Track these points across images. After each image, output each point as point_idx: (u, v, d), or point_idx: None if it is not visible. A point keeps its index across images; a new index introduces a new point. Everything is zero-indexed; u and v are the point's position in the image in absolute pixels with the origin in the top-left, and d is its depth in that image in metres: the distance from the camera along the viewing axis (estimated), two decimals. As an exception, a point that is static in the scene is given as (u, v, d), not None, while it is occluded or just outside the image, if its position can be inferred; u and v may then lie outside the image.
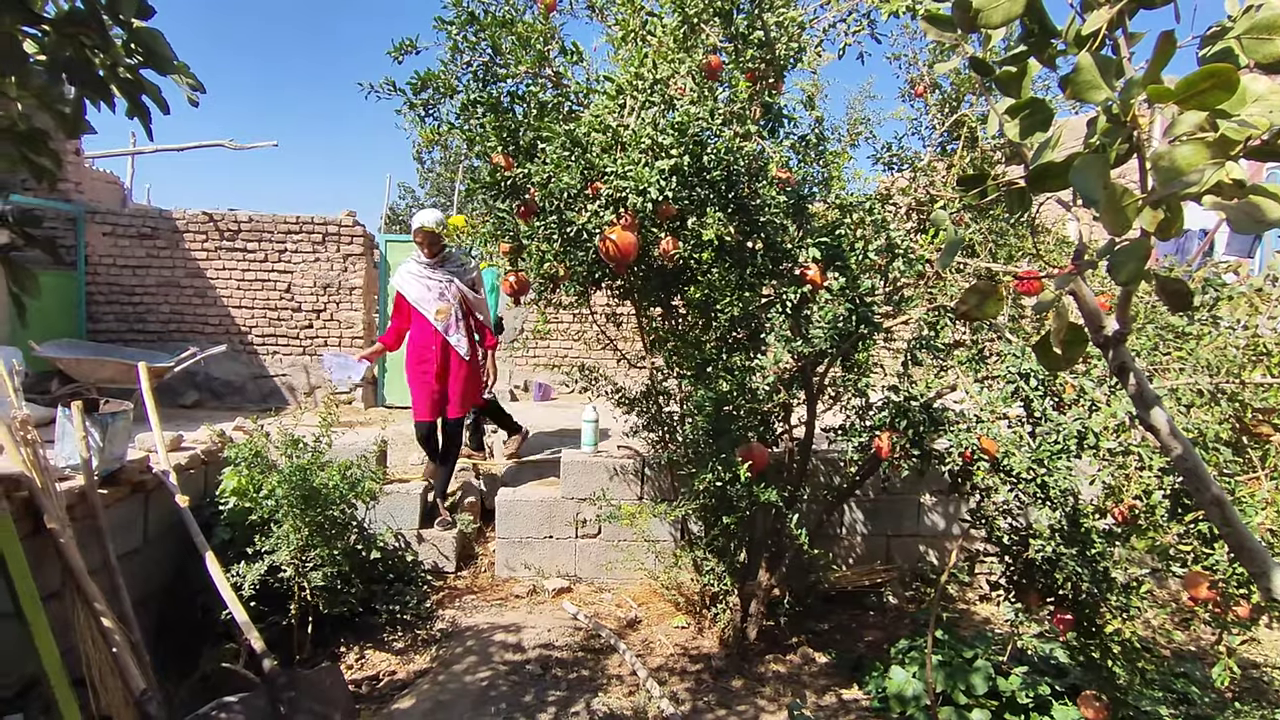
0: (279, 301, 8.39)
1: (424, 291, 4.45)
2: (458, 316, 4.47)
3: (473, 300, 4.54)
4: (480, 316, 4.61)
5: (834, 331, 2.54)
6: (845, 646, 3.98)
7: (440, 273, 4.46)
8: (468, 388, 4.59)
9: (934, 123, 4.00)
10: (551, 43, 2.93)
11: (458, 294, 4.46)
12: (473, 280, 4.54)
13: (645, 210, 2.14)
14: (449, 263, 4.51)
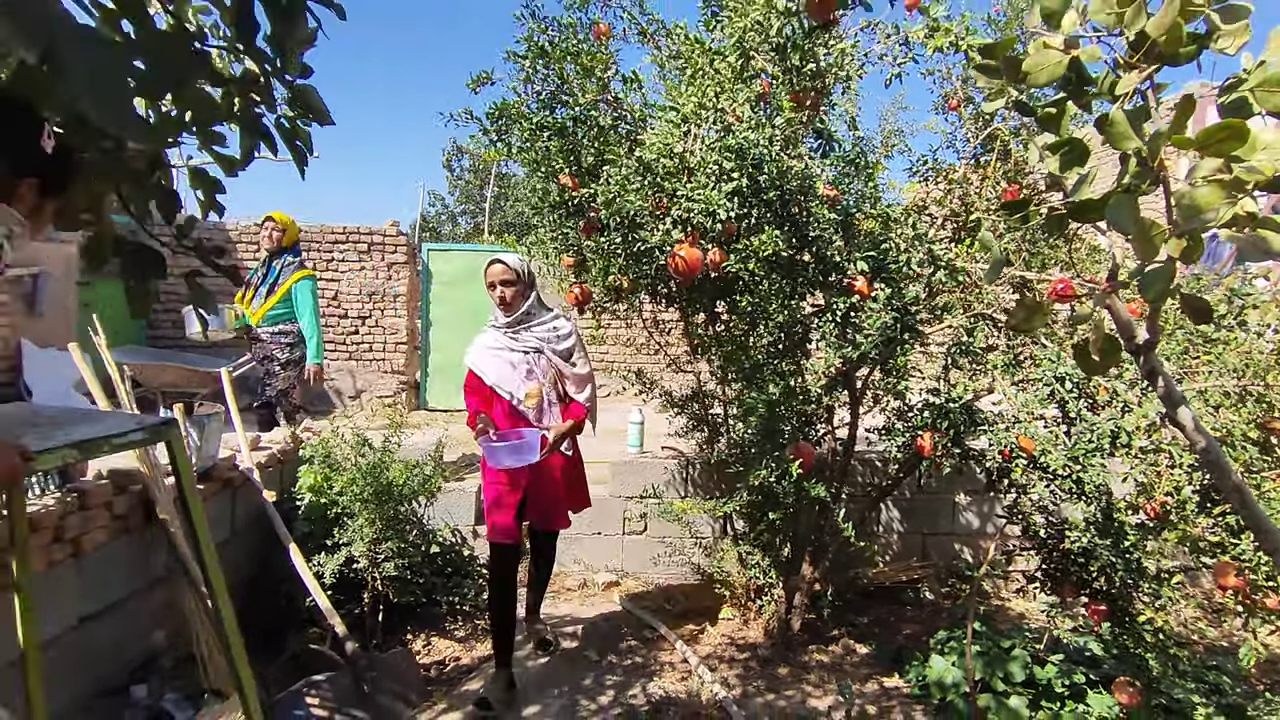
0: (326, 309, 8.73)
1: (506, 369, 3.16)
2: (550, 400, 3.19)
3: (571, 376, 3.20)
4: (582, 397, 3.26)
5: (880, 338, 2.73)
6: (885, 639, 4.16)
7: (524, 339, 3.14)
8: (573, 493, 3.40)
9: (968, 135, 4.17)
10: (610, 70, 3.17)
11: (550, 368, 3.17)
12: (570, 349, 3.19)
13: (714, 230, 2.36)
14: (533, 322, 3.18)
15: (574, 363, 3.17)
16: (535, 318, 3.18)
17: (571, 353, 3.17)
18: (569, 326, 3.19)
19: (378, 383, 8.76)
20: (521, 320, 3.14)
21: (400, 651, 3.53)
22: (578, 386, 3.21)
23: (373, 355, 8.79)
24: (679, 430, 4.35)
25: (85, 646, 2.60)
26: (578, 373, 3.18)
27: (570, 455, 3.35)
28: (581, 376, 3.20)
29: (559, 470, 3.26)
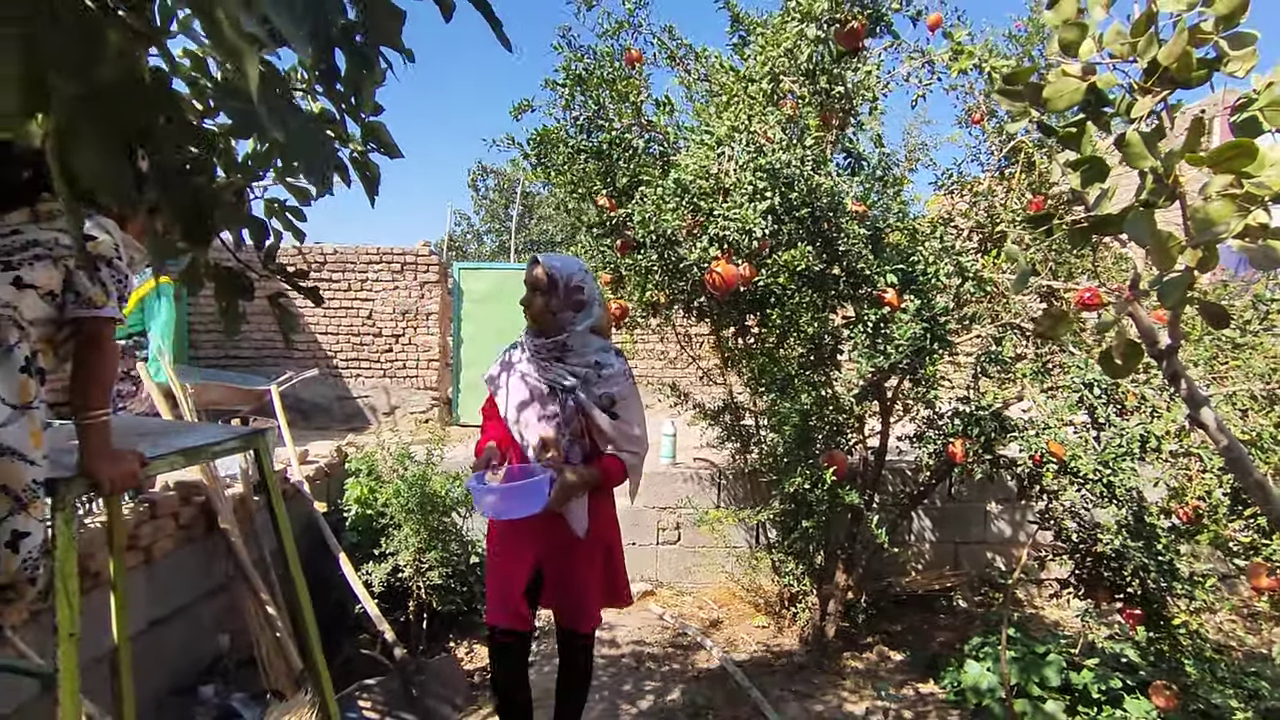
0: (361, 327, 8.95)
1: (525, 405, 2.25)
2: (573, 460, 2.22)
3: (611, 433, 2.21)
4: (625, 455, 2.26)
5: (911, 348, 2.82)
6: (919, 646, 4.20)
7: (554, 373, 2.21)
8: (610, 585, 2.41)
9: (992, 148, 4.25)
10: (644, 95, 3.31)
11: (577, 418, 2.20)
12: (614, 396, 2.22)
13: (749, 247, 2.47)
14: (571, 354, 2.23)
15: (616, 414, 2.17)
16: (575, 349, 2.20)
17: (615, 401, 2.17)
18: (619, 365, 2.23)
19: (411, 399, 8.95)
20: (555, 350, 2.19)
21: (445, 657, 3.65)
22: (616, 437, 2.20)
23: (406, 372, 8.99)
24: (710, 442, 4.45)
25: (156, 648, 2.75)
26: (621, 428, 2.18)
27: (599, 532, 2.31)
28: (625, 433, 2.20)
29: (589, 550, 2.28)
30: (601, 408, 2.20)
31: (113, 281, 1.40)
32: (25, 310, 1.30)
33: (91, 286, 1.36)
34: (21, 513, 1.20)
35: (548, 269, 2.20)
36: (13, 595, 1.24)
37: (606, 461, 2.24)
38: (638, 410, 2.28)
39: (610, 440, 2.22)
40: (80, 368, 1.39)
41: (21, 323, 1.28)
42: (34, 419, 1.25)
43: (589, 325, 2.22)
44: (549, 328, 2.23)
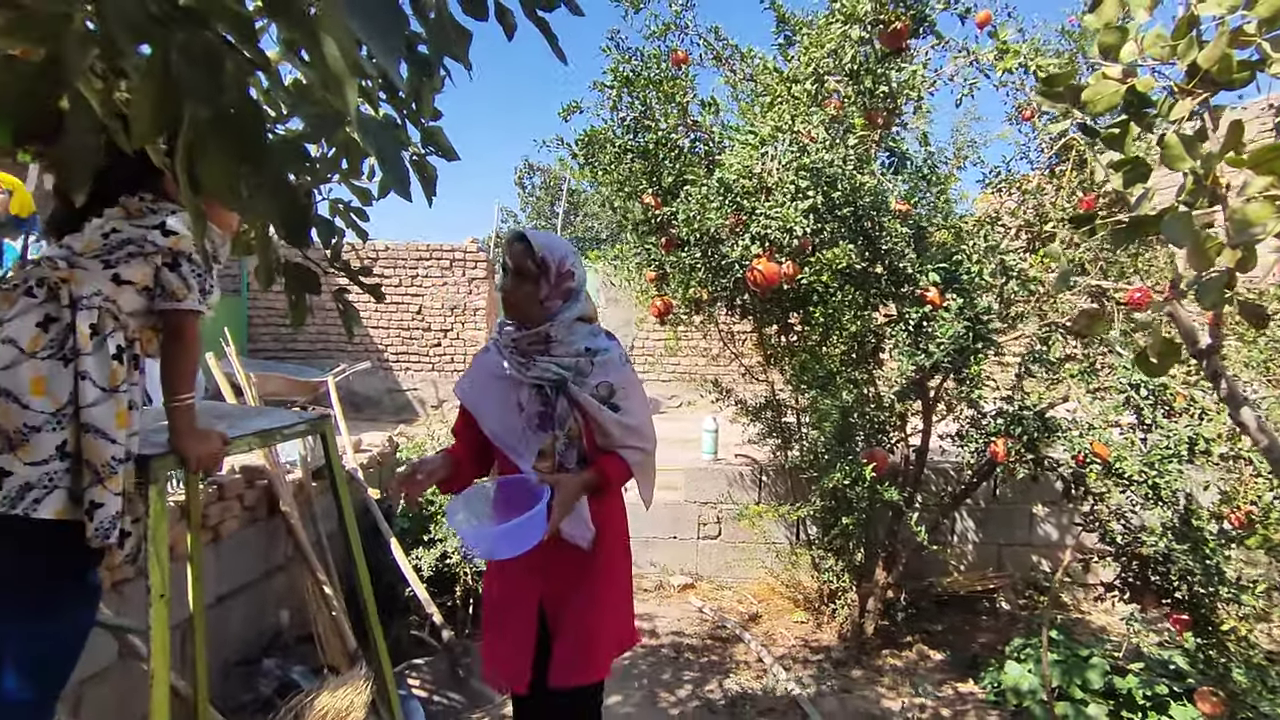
0: (411, 322, 9.20)
1: (509, 412, 1.84)
2: (569, 465, 1.83)
3: (612, 428, 1.83)
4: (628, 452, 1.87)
5: (952, 347, 2.83)
6: (959, 647, 4.18)
7: (539, 368, 1.82)
8: (608, 617, 1.91)
9: (1042, 145, 4.20)
10: (690, 95, 3.37)
11: (571, 416, 1.82)
12: (612, 386, 1.85)
13: (790, 245, 2.52)
14: (556, 344, 1.85)
15: (617, 405, 1.81)
16: (559, 338, 1.83)
17: (614, 390, 1.82)
18: (615, 349, 1.88)
19: (458, 392, 9.17)
20: (538, 342, 1.82)
21: (491, 641, 3.77)
22: (619, 433, 1.82)
23: (454, 366, 9.20)
24: (752, 438, 4.49)
25: (223, 621, 2.91)
26: (623, 421, 1.81)
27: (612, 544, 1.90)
28: (630, 427, 1.82)
29: (603, 568, 1.87)
30: (599, 399, 1.80)
31: (193, 276, 1.51)
32: (123, 304, 1.43)
33: (175, 281, 1.48)
34: (98, 485, 1.31)
35: (540, 250, 1.79)
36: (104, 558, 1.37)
37: (605, 461, 1.80)
38: (640, 399, 1.89)
39: (612, 437, 1.81)
40: (165, 357, 1.52)
41: (119, 315, 1.41)
42: (120, 401, 1.37)
43: (573, 310, 1.84)
44: (533, 319, 1.83)
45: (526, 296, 1.82)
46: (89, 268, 1.41)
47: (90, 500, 1.31)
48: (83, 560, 1.37)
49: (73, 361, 1.34)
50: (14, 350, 1.30)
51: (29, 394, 1.29)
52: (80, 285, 1.38)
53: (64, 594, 1.36)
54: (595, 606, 1.86)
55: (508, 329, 1.90)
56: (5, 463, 1.26)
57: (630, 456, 1.85)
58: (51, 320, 1.34)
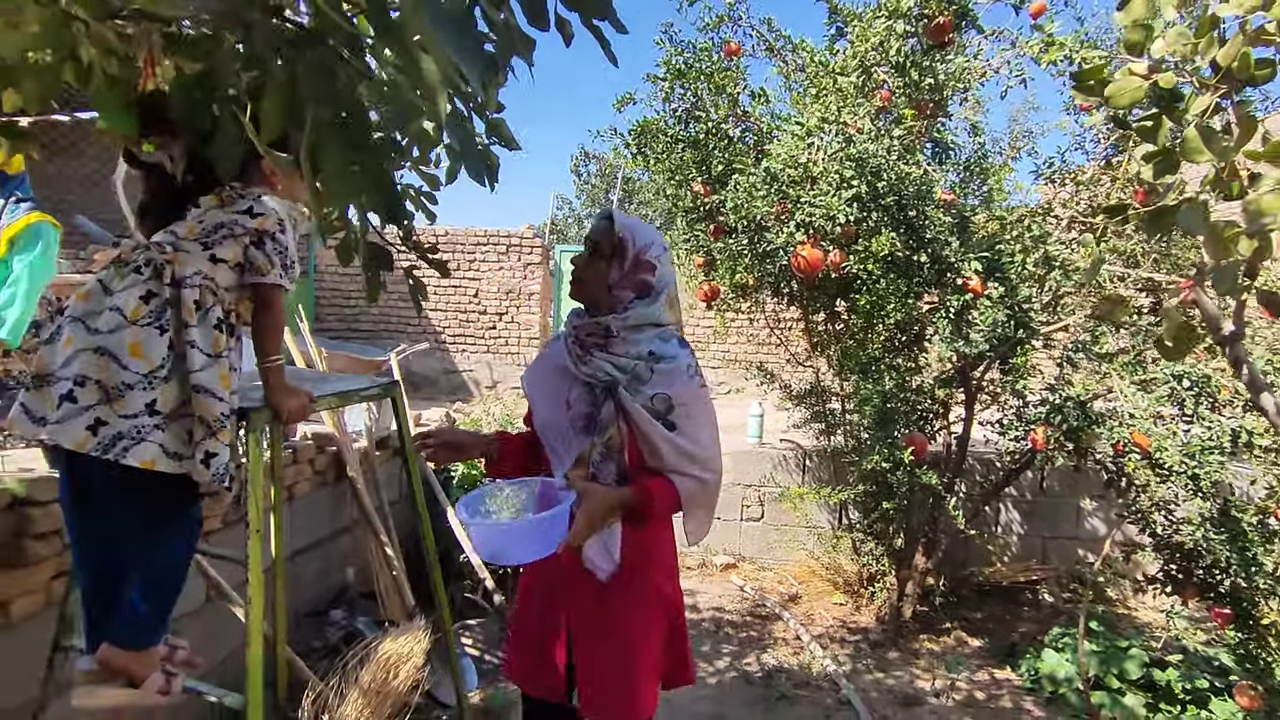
0: (468, 305, 9.49)
1: (558, 409, 1.66)
2: (606, 480, 1.56)
3: (664, 447, 1.54)
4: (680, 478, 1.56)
5: (993, 335, 2.88)
6: (998, 636, 4.21)
7: (594, 365, 1.61)
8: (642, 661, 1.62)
9: (1098, 136, 4.16)
10: (740, 86, 3.47)
11: (616, 430, 1.58)
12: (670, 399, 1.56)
13: (834, 233, 2.61)
14: (625, 343, 1.61)
15: (674, 423, 1.56)
16: (622, 335, 1.61)
17: (672, 405, 1.57)
18: (683, 358, 1.62)
19: (512, 374, 9.42)
20: (598, 335, 1.62)
21: (539, 607, 3.97)
22: (671, 456, 1.55)
23: (508, 349, 9.46)
24: (796, 423, 4.58)
25: (296, 574, 3.16)
26: (677, 442, 1.55)
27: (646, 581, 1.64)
28: (685, 451, 1.55)
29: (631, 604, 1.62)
30: (653, 413, 1.55)
31: (275, 253, 1.69)
32: (220, 280, 1.63)
33: (260, 257, 1.67)
34: (211, 438, 1.52)
35: (620, 230, 1.63)
36: (214, 500, 1.58)
37: (651, 483, 1.54)
38: (705, 419, 1.60)
39: (663, 458, 1.54)
40: (256, 325, 1.73)
41: (217, 290, 1.62)
42: (223, 365, 1.58)
43: (648, 315, 1.61)
44: (598, 304, 1.66)
45: (595, 276, 1.64)
46: (190, 250, 1.61)
47: (205, 451, 1.51)
48: (180, 499, 1.58)
49: (168, 331, 1.54)
50: (119, 317, 1.52)
51: (127, 355, 1.49)
52: (183, 266, 1.58)
53: (166, 528, 1.57)
54: (625, 654, 1.59)
55: (574, 316, 1.71)
56: (104, 413, 1.47)
57: (682, 484, 1.55)
58: (153, 295, 1.54)
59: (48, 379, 1.49)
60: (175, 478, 1.50)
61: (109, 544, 1.54)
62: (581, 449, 1.60)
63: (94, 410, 1.47)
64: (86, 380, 1.48)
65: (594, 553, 1.58)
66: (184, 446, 1.53)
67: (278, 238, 1.67)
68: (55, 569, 2.04)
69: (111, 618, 1.54)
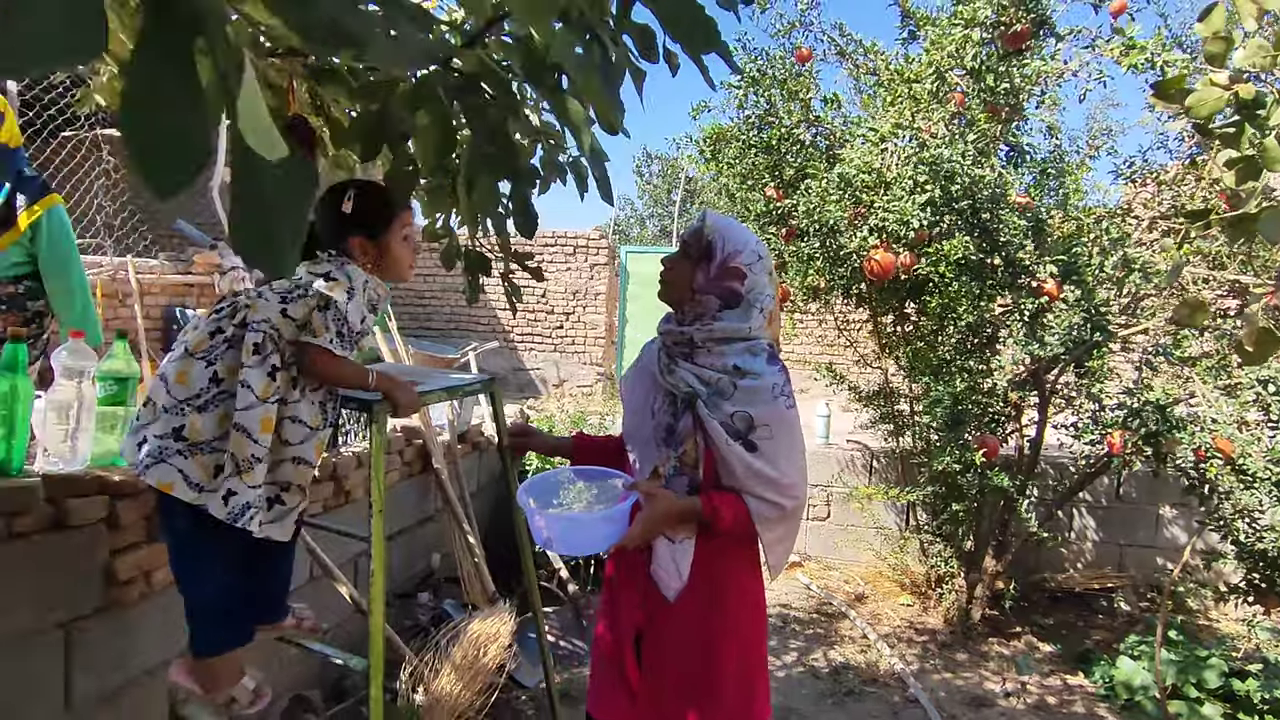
0: (536, 305, 9.74)
1: (641, 417, 1.67)
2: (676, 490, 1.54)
3: (740, 469, 1.48)
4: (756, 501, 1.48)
5: (1068, 338, 2.88)
6: (1071, 643, 4.16)
7: (678, 375, 1.58)
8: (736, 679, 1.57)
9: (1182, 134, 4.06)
10: (813, 92, 3.53)
11: (692, 444, 1.54)
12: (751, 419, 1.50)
13: (907, 237, 2.66)
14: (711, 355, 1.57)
15: (754, 444, 1.49)
16: (707, 346, 1.57)
17: (754, 425, 1.50)
18: (770, 376, 1.53)
19: (578, 373, 9.63)
20: (683, 344, 1.60)
21: (610, 598, 4.12)
22: (748, 479, 1.48)
23: (574, 348, 9.68)
24: (863, 424, 4.61)
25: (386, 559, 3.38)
26: (754, 465, 1.48)
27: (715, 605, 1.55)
28: (761, 474, 1.48)
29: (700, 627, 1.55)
30: (731, 431, 1.48)
31: (334, 320, 1.69)
32: (285, 332, 1.68)
33: (317, 320, 1.68)
34: (236, 476, 1.59)
35: (710, 232, 1.57)
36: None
37: (719, 497, 1.48)
38: (788, 444, 1.51)
39: (737, 478, 1.48)
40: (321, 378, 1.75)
41: (279, 341, 1.67)
42: (268, 410, 1.64)
43: (736, 327, 1.54)
44: (680, 306, 1.62)
45: (680, 277, 1.60)
46: (269, 300, 1.68)
47: (228, 488, 1.59)
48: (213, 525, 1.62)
49: (214, 365, 1.64)
50: (182, 349, 1.66)
51: (174, 381, 1.62)
52: (257, 312, 1.66)
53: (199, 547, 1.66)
54: (686, 680, 1.54)
55: (664, 322, 1.67)
56: (147, 431, 1.60)
57: (755, 507, 1.47)
58: (219, 332, 1.66)
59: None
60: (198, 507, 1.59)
61: (175, 548, 1.70)
62: (658, 460, 1.57)
63: (144, 429, 1.61)
64: (149, 400, 1.63)
65: (663, 568, 1.52)
66: (208, 479, 1.60)
67: (340, 306, 1.68)
68: (188, 544, 2.27)
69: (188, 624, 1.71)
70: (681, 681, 1.55)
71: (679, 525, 1.49)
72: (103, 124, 6.89)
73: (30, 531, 1.83)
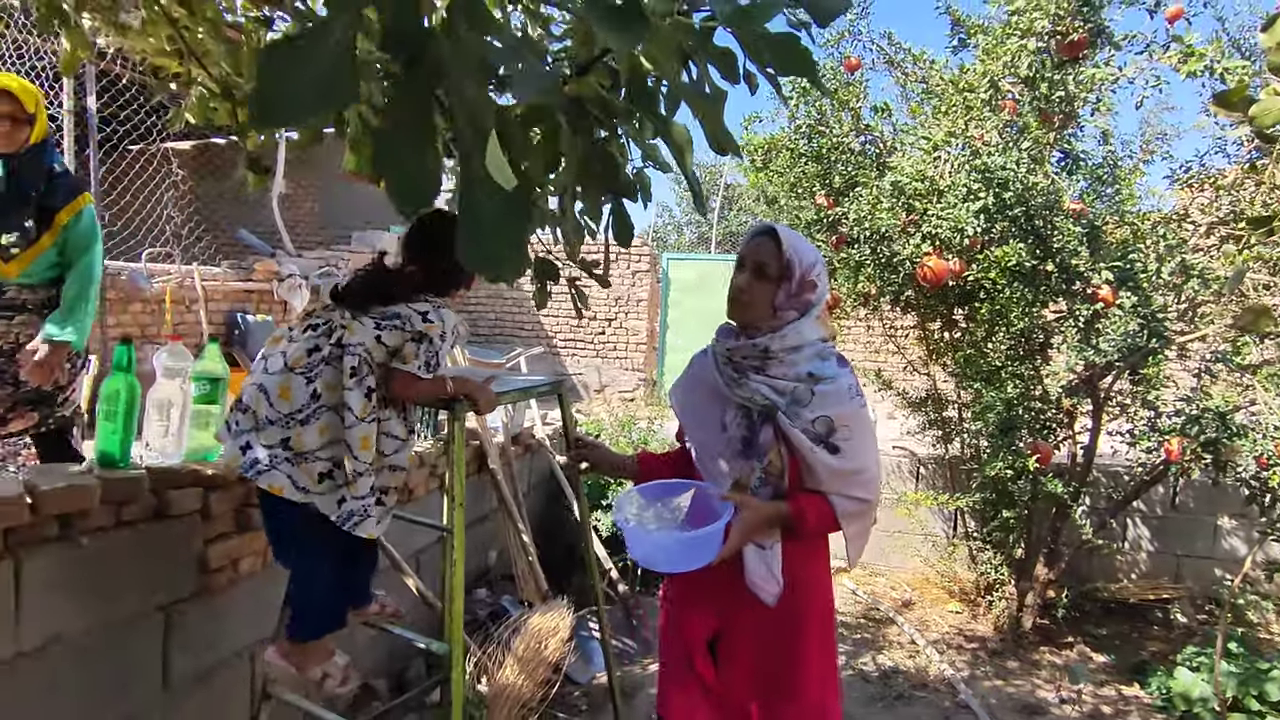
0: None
1: (710, 432, 1.70)
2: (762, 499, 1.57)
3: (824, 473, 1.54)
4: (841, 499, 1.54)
5: (1124, 345, 2.88)
6: (1125, 654, 4.11)
7: (750, 387, 1.62)
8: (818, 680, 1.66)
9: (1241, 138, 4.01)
10: (863, 101, 3.58)
11: (776, 455, 1.58)
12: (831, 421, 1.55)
13: (960, 244, 2.70)
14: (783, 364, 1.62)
15: (836, 446, 1.54)
16: (780, 356, 1.60)
17: (833, 428, 1.54)
18: (844, 378, 1.60)
19: (620, 378, 9.73)
20: (755, 357, 1.62)
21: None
22: (833, 480, 1.54)
23: (616, 354, 9.78)
24: (910, 431, 4.62)
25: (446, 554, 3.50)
26: (837, 465, 1.53)
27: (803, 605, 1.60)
28: (844, 472, 1.54)
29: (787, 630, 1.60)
30: (814, 437, 1.53)
31: (426, 353, 1.82)
32: (376, 357, 1.79)
33: (410, 350, 1.80)
34: (346, 486, 1.73)
35: (788, 251, 1.56)
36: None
37: (805, 499, 1.53)
38: (867, 440, 1.58)
39: (823, 482, 1.52)
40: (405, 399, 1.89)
41: (372, 364, 1.79)
42: (368, 429, 1.76)
43: (807, 332, 1.61)
44: (759, 324, 1.61)
45: (760, 297, 1.59)
46: (365, 325, 1.80)
47: (339, 497, 1.73)
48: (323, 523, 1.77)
49: (314, 382, 1.76)
50: (281, 361, 1.78)
51: (277, 396, 1.75)
52: (353, 335, 1.78)
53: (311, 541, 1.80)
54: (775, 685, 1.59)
55: (725, 335, 1.67)
56: (251, 439, 1.74)
57: (840, 504, 1.53)
58: (316, 350, 1.79)
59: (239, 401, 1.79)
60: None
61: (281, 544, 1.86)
62: (740, 473, 1.59)
63: (246, 435, 1.74)
64: (247, 409, 1.76)
65: (758, 575, 1.55)
66: (314, 484, 1.74)
67: (435, 343, 1.82)
68: (270, 536, 2.41)
69: (286, 611, 1.88)
70: (762, 681, 1.60)
71: (769, 531, 1.54)
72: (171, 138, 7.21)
73: (136, 520, 1.98)
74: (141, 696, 2.02)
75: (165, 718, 2.08)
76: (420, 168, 0.44)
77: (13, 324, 2.20)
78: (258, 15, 2.07)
